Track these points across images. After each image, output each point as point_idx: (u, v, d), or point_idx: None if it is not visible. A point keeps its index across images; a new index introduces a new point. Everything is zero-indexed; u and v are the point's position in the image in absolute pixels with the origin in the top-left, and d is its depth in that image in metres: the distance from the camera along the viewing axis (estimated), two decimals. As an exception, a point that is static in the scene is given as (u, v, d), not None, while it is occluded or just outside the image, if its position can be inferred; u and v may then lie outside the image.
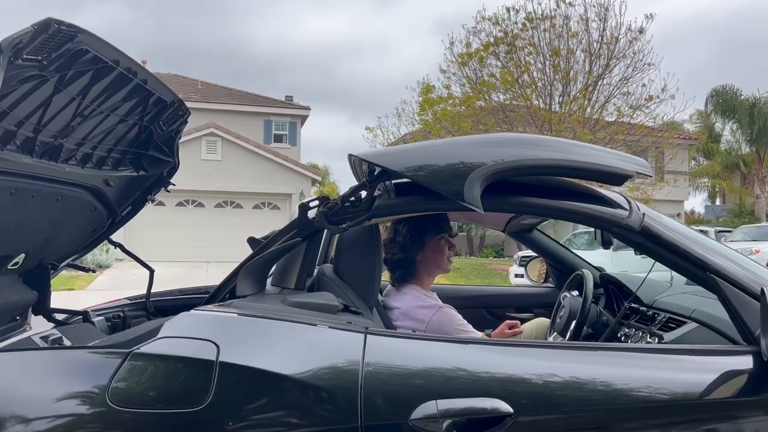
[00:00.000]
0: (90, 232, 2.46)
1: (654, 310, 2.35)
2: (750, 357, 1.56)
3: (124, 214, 2.56)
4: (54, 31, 1.50)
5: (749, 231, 15.37)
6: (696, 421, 1.51)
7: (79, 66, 1.67)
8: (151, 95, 2.09)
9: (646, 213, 1.74)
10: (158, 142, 2.38)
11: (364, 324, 1.59)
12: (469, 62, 16.98)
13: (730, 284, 1.62)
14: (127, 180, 2.39)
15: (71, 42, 1.57)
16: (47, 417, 1.40)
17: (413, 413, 1.42)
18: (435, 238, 2.39)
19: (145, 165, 2.42)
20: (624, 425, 1.49)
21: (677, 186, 21.16)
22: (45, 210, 2.01)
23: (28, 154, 1.77)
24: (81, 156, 2.05)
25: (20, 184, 1.81)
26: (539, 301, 3.09)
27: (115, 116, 2.04)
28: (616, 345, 2.04)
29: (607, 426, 1.49)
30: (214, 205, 20.76)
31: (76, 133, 1.94)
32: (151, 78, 2.02)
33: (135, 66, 1.89)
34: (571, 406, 1.46)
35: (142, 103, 2.11)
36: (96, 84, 1.81)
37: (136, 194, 2.54)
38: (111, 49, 1.73)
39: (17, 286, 2.12)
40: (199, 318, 1.56)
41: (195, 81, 27.55)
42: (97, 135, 2.05)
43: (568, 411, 1.46)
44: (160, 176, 2.52)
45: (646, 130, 17.60)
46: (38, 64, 1.52)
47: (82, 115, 1.89)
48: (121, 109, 2.04)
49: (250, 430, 1.42)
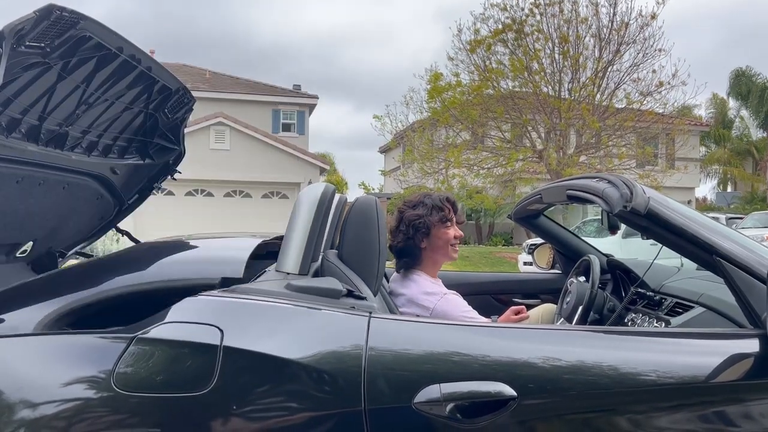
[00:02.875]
0: (97, 219, 2.47)
1: (661, 295, 2.34)
2: (756, 340, 1.55)
3: (130, 202, 2.57)
4: (56, 18, 1.50)
5: (760, 218, 15.27)
6: (703, 404, 1.50)
7: (82, 53, 1.67)
8: (156, 83, 2.08)
9: (652, 196, 1.73)
10: (164, 130, 2.38)
11: (367, 308, 1.59)
12: (478, 49, 16.86)
13: (737, 267, 1.61)
14: (134, 168, 2.40)
15: (74, 28, 1.56)
16: (54, 401, 1.42)
17: (416, 397, 1.43)
18: (440, 226, 2.39)
19: (151, 153, 2.42)
20: (630, 408, 1.48)
21: (688, 173, 21.00)
22: (52, 198, 2.02)
23: (34, 141, 1.78)
24: (87, 144, 2.06)
25: (26, 172, 1.81)
26: (546, 287, 3.08)
27: (120, 104, 2.04)
28: (622, 329, 2.04)
29: (613, 409, 1.48)
30: (223, 194, 20.83)
31: (81, 121, 1.95)
32: (155, 65, 2.01)
33: (139, 53, 1.89)
34: (576, 389, 1.46)
35: (146, 91, 2.11)
36: (100, 71, 1.81)
37: (143, 182, 2.55)
38: (114, 36, 1.73)
39: (26, 274, 2.14)
40: (204, 303, 1.56)
41: (203, 70, 27.56)
42: (103, 123, 2.05)
43: (572, 394, 1.46)
44: (167, 164, 2.53)
45: (657, 116, 17.43)
46: (41, 51, 1.52)
47: (86, 103, 1.89)
48: (125, 97, 2.04)
49: (254, 413, 1.42)
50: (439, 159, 18.32)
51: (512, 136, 17.72)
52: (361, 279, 1.81)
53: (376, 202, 1.96)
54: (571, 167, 16.07)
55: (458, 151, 16.96)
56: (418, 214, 2.37)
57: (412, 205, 2.43)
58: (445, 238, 2.40)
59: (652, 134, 18.04)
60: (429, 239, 2.38)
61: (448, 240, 2.41)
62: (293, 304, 1.57)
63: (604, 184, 1.85)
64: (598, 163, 17.38)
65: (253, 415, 1.42)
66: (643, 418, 1.47)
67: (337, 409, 1.43)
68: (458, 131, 17.98)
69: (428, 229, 2.37)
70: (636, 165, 18.05)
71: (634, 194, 1.71)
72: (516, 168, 17.63)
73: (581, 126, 16.65)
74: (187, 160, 2.54)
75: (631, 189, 1.74)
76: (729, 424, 1.49)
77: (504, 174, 18.10)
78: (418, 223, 2.36)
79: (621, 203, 1.72)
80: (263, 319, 1.53)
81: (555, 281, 3.06)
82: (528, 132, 17.39)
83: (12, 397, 1.43)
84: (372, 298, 1.74)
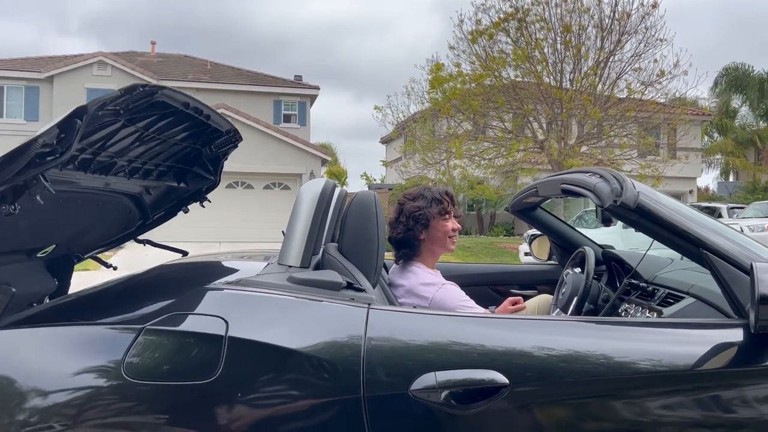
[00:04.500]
0: (120, 230, 2.53)
1: (654, 285, 2.39)
2: (741, 330, 1.61)
3: (155, 218, 2.62)
4: (137, 94, 1.59)
5: (761, 207, 15.28)
6: (688, 391, 1.55)
7: (150, 110, 1.75)
8: (210, 126, 2.16)
9: (642, 191, 1.78)
10: (205, 161, 2.44)
11: (366, 300, 1.65)
12: (479, 39, 16.82)
13: (722, 259, 1.66)
14: (166, 189, 2.46)
15: (150, 97, 1.66)
16: (66, 390, 1.48)
17: (413, 384, 1.49)
18: (439, 218, 2.44)
19: (187, 179, 2.49)
20: (621, 395, 1.53)
21: (689, 163, 20.96)
22: (84, 212, 2.08)
23: (83, 170, 1.84)
24: (130, 169, 2.12)
25: (68, 195, 1.88)
26: (543, 278, 3.13)
27: (171, 141, 2.11)
28: (615, 319, 2.09)
29: (605, 396, 1.54)
30: (225, 185, 20.84)
31: (130, 154, 2.02)
32: (213, 114, 2.08)
33: (201, 106, 1.96)
34: (569, 377, 1.52)
35: (199, 133, 2.18)
36: (162, 121, 1.88)
37: (172, 203, 2.60)
38: (183, 96, 1.82)
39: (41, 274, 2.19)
40: (209, 295, 1.62)
41: (204, 61, 27.52)
42: (150, 155, 2.12)
43: (565, 382, 1.51)
44: (199, 191, 2.58)
45: (658, 106, 17.40)
46: (115, 112, 1.61)
47: (141, 141, 1.96)
48: (179, 137, 2.11)
49: (258, 401, 1.48)
50: (440, 150, 18.33)
51: (513, 127, 17.70)
52: (361, 272, 1.86)
53: (375, 197, 2.01)
54: (573, 157, 16.07)
55: (459, 142, 16.96)
56: (418, 206, 2.43)
57: (412, 197, 2.48)
58: (443, 230, 2.45)
59: (654, 124, 18.02)
60: (428, 231, 2.44)
61: (446, 232, 2.46)
62: (295, 296, 1.62)
63: (596, 178, 1.90)
64: (599, 153, 17.37)
65: (257, 402, 1.48)
66: (632, 405, 1.53)
67: (337, 396, 1.49)
68: (459, 122, 17.98)
69: (427, 220, 2.42)
70: (637, 155, 18.04)
71: (624, 189, 1.76)
72: (517, 158, 17.63)
73: (583, 116, 16.63)
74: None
75: (621, 184, 1.78)
76: (713, 410, 1.54)
77: (505, 164, 18.10)
78: (418, 214, 2.41)
79: (611, 198, 1.76)
80: (266, 311, 1.59)
81: (552, 272, 3.11)
82: (529, 122, 17.38)
83: (24, 385, 1.48)
84: (371, 290, 1.79)
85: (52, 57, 25.79)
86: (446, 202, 2.47)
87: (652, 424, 1.53)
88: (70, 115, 1.47)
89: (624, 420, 1.53)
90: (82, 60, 24.17)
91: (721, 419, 1.54)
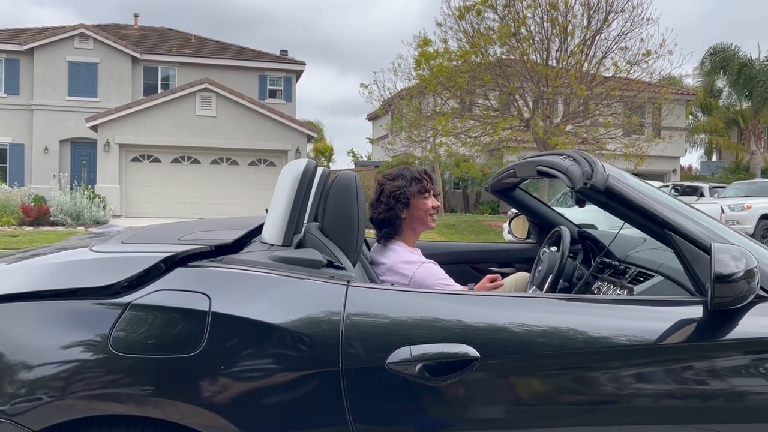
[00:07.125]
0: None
1: (626, 264, 2.47)
2: (701, 307, 1.70)
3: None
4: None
5: (742, 187, 15.52)
6: (650, 364, 1.64)
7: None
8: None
9: (612, 174, 1.84)
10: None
11: (346, 278, 1.71)
12: (467, 15, 16.73)
13: (685, 239, 1.74)
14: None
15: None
16: (53, 363, 1.53)
17: (389, 357, 1.56)
18: (419, 197, 2.50)
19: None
20: (591, 368, 1.62)
21: (673, 142, 21.14)
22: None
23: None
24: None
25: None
26: (520, 257, 3.21)
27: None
28: (587, 296, 2.17)
29: (575, 368, 1.62)
30: (209, 161, 20.74)
31: None
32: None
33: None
34: (540, 351, 1.60)
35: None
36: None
37: None
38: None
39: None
40: (193, 272, 1.67)
41: (188, 35, 27.10)
42: None
43: (535, 355, 1.60)
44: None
45: (643, 85, 17.48)
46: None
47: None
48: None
49: (241, 374, 1.55)
50: (426, 127, 18.31)
51: (499, 105, 17.71)
52: (341, 250, 1.92)
53: (356, 178, 2.06)
54: (558, 136, 16.14)
55: (446, 120, 16.95)
56: (398, 186, 2.49)
57: (392, 177, 2.54)
58: (424, 208, 2.52)
59: (639, 103, 18.11)
60: (409, 210, 2.50)
61: (426, 210, 2.53)
62: (277, 274, 1.68)
63: (569, 161, 1.97)
64: (584, 132, 17.46)
65: (240, 375, 1.55)
66: (601, 377, 1.61)
67: (317, 369, 1.56)
68: (446, 99, 17.95)
69: (408, 199, 2.48)
70: (622, 134, 18.16)
71: (595, 171, 1.83)
72: (503, 137, 17.67)
73: (569, 94, 16.67)
74: (174, 127, 2.60)
75: (592, 166, 1.85)
76: (673, 382, 1.63)
77: (491, 143, 18.14)
78: (399, 194, 2.47)
79: (582, 180, 1.83)
80: (248, 287, 1.64)
81: (529, 251, 3.19)
82: (515, 100, 17.40)
83: (11, 359, 1.53)
84: (351, 269, 1.85)
85: (32, 29, 25.27)
86: (425, 180, 2.53)
87: (620, 396, 1.62)
88: None
89: (593, 392, 1.62)
90: (63, 32, 23.70)
91: (682, 390, 1.63)
